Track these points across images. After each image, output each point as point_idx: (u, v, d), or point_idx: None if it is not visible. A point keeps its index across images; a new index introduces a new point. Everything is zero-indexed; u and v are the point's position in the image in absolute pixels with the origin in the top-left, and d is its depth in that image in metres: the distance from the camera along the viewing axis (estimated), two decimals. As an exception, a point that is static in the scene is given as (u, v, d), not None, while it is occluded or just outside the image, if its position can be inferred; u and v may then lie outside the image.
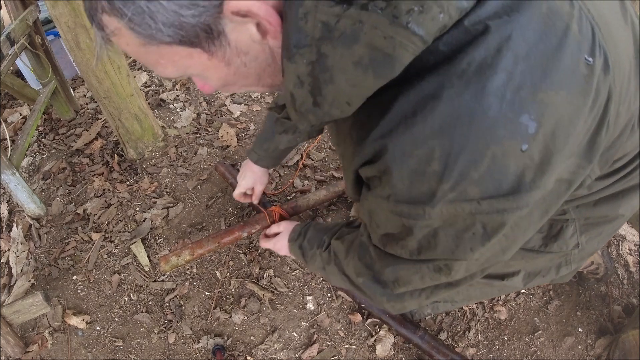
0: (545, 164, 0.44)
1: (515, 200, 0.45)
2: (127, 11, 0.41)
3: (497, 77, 0.40)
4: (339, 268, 0.85)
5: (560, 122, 0.42)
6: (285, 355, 1.32)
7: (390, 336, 1.33)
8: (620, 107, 0.50)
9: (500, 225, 0.48)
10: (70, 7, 1.33)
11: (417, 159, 0.44)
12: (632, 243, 1.55)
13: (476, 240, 0.50)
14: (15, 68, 2.28)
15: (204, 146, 1.91)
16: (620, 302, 1.40)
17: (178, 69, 0.48)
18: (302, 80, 0.46)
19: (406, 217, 0.50)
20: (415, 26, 0.38)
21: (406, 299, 0.72)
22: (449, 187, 0.44)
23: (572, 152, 0.47)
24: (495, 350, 1.32)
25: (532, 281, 0.95)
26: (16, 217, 1.72)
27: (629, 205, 0.79)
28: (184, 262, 1.28)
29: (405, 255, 0.59)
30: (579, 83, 0.42)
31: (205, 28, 0.43)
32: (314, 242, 0.97)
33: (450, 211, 0.47)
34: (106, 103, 1.63)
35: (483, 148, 0.42)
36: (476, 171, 0.43)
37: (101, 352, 1.36)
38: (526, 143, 0.42)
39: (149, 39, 0.43)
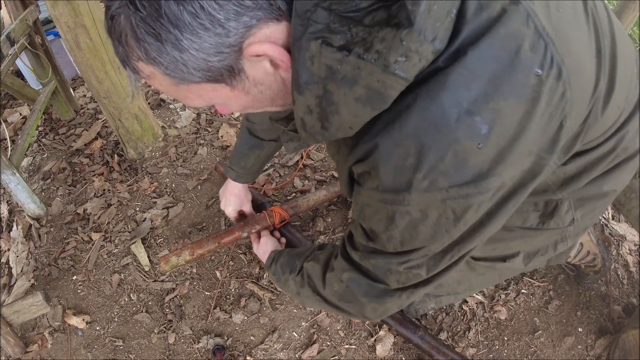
0: (500, 158, 0.54)
1: (476, 186, 0.55)
2: (163, 61, 0.49)
3: (457, 92, 0.50)
4: (312, 289, 0.90)
5: (510, 124, 0.52)
6: (285, 355, 1.32)
7: (390, 336, 1.33)
8: (579, 105, 0.58)
9: (466, 208, 0.58)
10: (70, 7, 1.33)
11: (398, 156, 0.55)
12: (632, 243, 1.55)
13: (449, 223, 0.60)
14: (15, 68, 2.28)
15: (204, 146, 1.91)
16: (620, 302, 1.40)
17: (204, 100, 0.58)
18: (311, 110, 0.55)
19: (390, 204, 0.60)
20: (401, 72, 0.49)
21: (387, 300, 0.77)
22: (422, 177, 0.55)
23: (531, 149, 0.56)
24: (495, 350, 1.32)
25: (532, 261, 0.98)
26: (16, 217, 1.72)
27: (617, 181, 0.86)
28: (184, 262, 1.28)
29: (389, 248, 0.68)
30: (527, 92, 0.51)
31: (228, 68, 0.52)
32: (286, 268, 1.02)
33: (425, 200, 0.57)
34: (106, 103, 1.63)
35: (446, 146, 0.52)
36: (442, 164, 0.53)
37: (101, 352, 1.36)
38: (481, 142, 0.52)
39: (181, 81, 0.52)
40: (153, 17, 0.46)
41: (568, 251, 1.02)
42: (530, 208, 0.89)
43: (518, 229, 0.91)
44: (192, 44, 0.47)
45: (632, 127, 0.78)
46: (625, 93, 0.73)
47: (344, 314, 0.86)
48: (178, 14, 0.45)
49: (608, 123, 0.73)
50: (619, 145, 0.78)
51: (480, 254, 0.97)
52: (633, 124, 0.78)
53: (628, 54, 0.73)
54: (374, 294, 0.77)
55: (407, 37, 0.46)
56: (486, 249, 0.95)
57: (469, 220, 0.61)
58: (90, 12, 1.37)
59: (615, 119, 0.74)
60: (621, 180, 0.87)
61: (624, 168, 0.84)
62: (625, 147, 0.80)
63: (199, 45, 0.48)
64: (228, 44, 0.49)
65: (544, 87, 0.52)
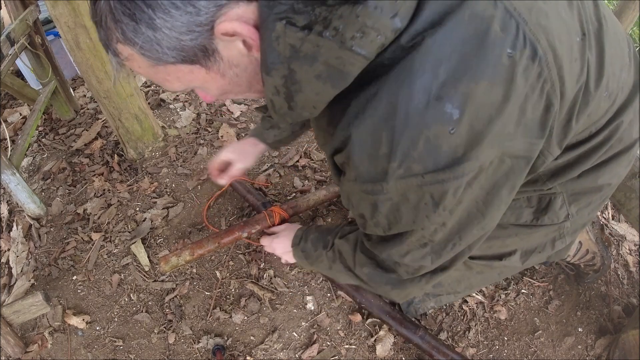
0: (475, 142, 0.53)
1: (452, 171, 0.55)
2: (138, 40, 0.51)
3: (424, 77, 0.50)
4: (344, 265, 0.92)
5: (483, 107, 0.52)
6: (285, 355, 1.32)
7: (390, 336, 1.33)
8: (565, 86, 0.58)
9: (443, 193, 0.58)
10: (70, 7, 1.33)
11: (370, 145, 0.55)
12: (632, 243, 1.55)
13: (429, 208, 0.61)
14: (15, 68, 2.28)
15: (204, 146, 1.91)
16: (620, 302, 1.40)
17: (182, 83, 0.59)
18: (279, 90, 0.56)
19: (370, 194, 0.61)
20: (358, 48, 0.49)
21: (408, 286, 0.81)
22: (397, 165, 0.55)
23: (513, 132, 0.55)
24: (495, 350, 1.32)
25: (530, 259, 0.98)
26: (16, 217, 1.72)
27: (612, 174, 0.85)
28: (184, 262, 1.28)
29: (380, 232, 0.71)
30: (500, 73, 0.51)
31: (202, 48, 0.53)
32: (318, 243, 1.02)
33: (403, 186, 0.58)
34: (106, 103, 1.63)
35: (418, 133, 0.52)
36: (415, 151, 0.53)
37: (101, 352, 1.36)
38: (452, 126, 0.52)
39: (157, 61, 0.54)
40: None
41: (567, 248, 1.02)
42: (524, 204, 0.89)
43: (512, 226, 0.92)
44: (165, 23, 0.49)
45: (626, 117, 0.77)
46: (616, 78, 0.72)
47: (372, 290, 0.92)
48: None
49: (600, 111, 0.72)
50: (613, 136, 0.77)
51: (476, 252, 0.97)
52: (627, 115, 0.77)
53: (617, 39, 0.73)
54: (393, 282, 0.81)
55: (362, 12, 0.47)
56: (482, 247, 0.95)
57: (448, 205, 0.61)
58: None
59: (608, 106, 0.73)
60: (616, 173, 0.86)
61: (619, 161, 0.83)
62: (619, 138, 0.79)
63: (171, 24, 0.49)
64: (199, 22, 0.50)
65: (517, 67, 0.51)
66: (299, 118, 0.60)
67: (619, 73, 0.73)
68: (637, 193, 1.28)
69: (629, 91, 0.78)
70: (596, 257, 1.34)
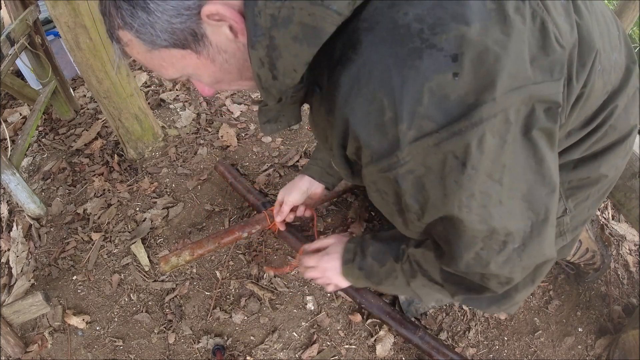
0: (486, 83, 0.51)
1: (467, 119, 0.51)
2: (134, 23, 0.56)
3: (411, 30, 0.50)
4: (429, 279, 0.78)
5: (484, 46, 0.50)
6: (285, 355, 1.32)
7: (390, 336, 1.33)
8: (562, 32, 0.57)
9: (466, 147, 0.53)
10: (70, 7, 1.33)
11: (374, 114, 0.53)
12: (632, 243, 1.55)
13: (456, 171, 0.55)
14: (15, 68, 2.28)
15: (204, 146, 1.91)
16: (620, 302, 1.40)
17: (177, 69, 0.63)
18: (263, 62, 0.57)
19: (388, 171, 0.57)
20: (329, 2, 0.51)
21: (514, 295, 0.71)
22: (407, 127, 0.52)
23: (532, 74, 0.53)
24: (495, 350, 1.32)
25: None
26: (16, 217, 1.72)
27: (609, 165, 0.82)
28: (184, 262, 1.28)
29: (415, 219, 0.64)
30: (490, 16, 0.51)
31: (191, 32, 0.57)
32: (384, 256, 0.86)
33: (418, 150, 0.54)
34: (106, 103, 1.63)
35: (419, 87, 0.50)
36: (421, 106, 0.51)
37: (101, 352, 1.36)
38: (455, 71, 0.50)
39: (152, 45, 0.58)
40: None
41: (569, 247, 1.00)
42: None
43: None
44: (158, 7, 0.54)
45: (620, 101, 0.75)
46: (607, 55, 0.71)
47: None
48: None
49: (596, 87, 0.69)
50: (607, 121, 0.76)
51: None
52: (621, 99, 0.76)
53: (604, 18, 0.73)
54: (498, 300, 0.72)
55: None
56: None
57: (477, 163, 0.54)
58: (90, 12, 1.37)
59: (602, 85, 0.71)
60: (614, 164, 0.84)
61: (615, 151, 0.82)
62: (614, 125, 0.77)
63: (163, 8, 0.54)
64: (186, 6, 0.54)
65: (506, 7, 0.51)
66: (283, 87, 0.61)
67: (610, 52, 0.72)
68: (637, 193, 1.28)
69: (622, 74, 0.77)
70: (596, 256, 1.33)
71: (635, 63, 0.80)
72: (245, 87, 0.70)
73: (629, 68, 0.79)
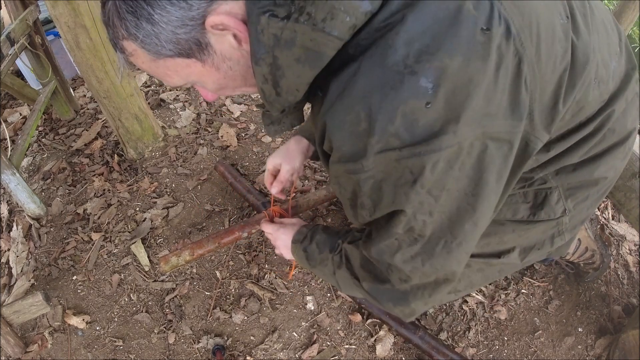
0: (452, 116, 0.54)
1: (429, 144, 0.56)
2: (139, 34, 0.56)
3: (398, 54, 0.52)
4: (350, 272, 0.86)
5: (460, 82, 0.53)
6: (285, 355, 1.32)
7: (390, 336, 1.33)
8: (544, 67, 0.60)
9: (421, 168, 0.58)
10: (70, 7, 1.33)
11: (350, 123, 0.57)
12: (632, 243, 1.55)
13: (407, 185, 0.61)
14: (15, 68, 2.28)
15: (204, 146, 1.91)
16: (620, 302, 1.40)
17: (181, 77, 0.64)
18: (266, 78, 0.60)
19: (353, 173, 0.62)
20: (330, 29, 0.53)
21: (410, 300, 0.78)
22: (375, 141, 0.56)
23: (492, 111, 0.56)
24: (495, 350, 1.32)
25: (529, 256, 0.97)
26: (16, 217, 1.72)
27: (608, 167, 0.84)
28: (184, 262, 1.28)
29: (367, 216, 0.70)
30: (476, 49, 0.53)
31: (195, 41, 0.58)
32: (324, 245, 0.96)
33: (382, 161, 0.58)
34: (106, 103, 1.63)
35: (394, 108, 0.54)
36: (393, 126, 0.55)
37: (101, 352, 1.36)
38: (428, 100, 0.53)
39: (157, 55, 0.59)
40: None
41: (566, 245, 1.00)
42: (520, 200, 0.89)
43: (509, 222, 0.91)
44: (162, 18, 0.55)
45: (617, 106, 0.77)
46: (605, 65, 0.72)
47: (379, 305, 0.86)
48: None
49: (590, 98, 0.72)
50: (605, 125, 0.77)
51: (474, 250, 0.96)
52: (619, 104, 0.77)
53: (604, 27, 0.73)
54: (395, 297, 0.78)
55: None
56: (479, 245, 0.94)
57: (427, 183, 0.60)
58: (90, 12, 1.37)
59: (598, 94, 0.73)
60: (612, 166, 0.85)
61: (614, 153, 0.83)
62: (612, 128, 0.79)
63: (167, 19, 0.55)
64: (191, 17, 0.55)
65: (492, 43, 0.53)
66: (286, 103, 0.64)
67: (609, 60, 0.73)
68: (637, 193, 1.28)
69: (621, 80, 0.78)
70: (595, 255, 1.33)
71: (634, 69, 0.81)
72: (250, 91, 0.72)
73: (628, 73, 0.80)
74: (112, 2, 0.56)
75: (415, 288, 0.76)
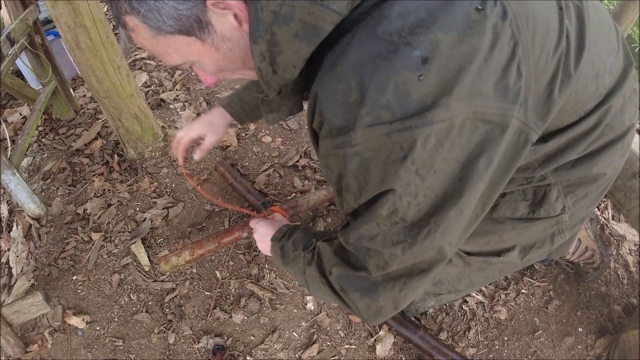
0: (445, 89, 0.54)
1: (420, 117, 0.55)
2: (141, 9, 0.58)
3: (393, 24, 0.53)
4: (319, 270, 0.83)
5: (453, 56, 0.53)
6: (285, 355, 1.32)
7: (390, 336, 1.33)
8: (538, 54, 0.59)
9: (412, 142, 0.57)
10: (70, 7, 1.33)
11: (341, 93, 0.56)
12: (632, 243, 1.55)
13: (397, 162, 0.59)
14: (15, 68, 2.28)
15: (204, 146, 1.91)
16: (620, 302, 1.41)
17: (181, 56, 0.65)
18: (264, 56, 0.60)
19: (340, 148, 0.60)
20: (328, 2, 0.54)
21: (380, 292, 0.73)
22: (366, 112, 0.55)
23: (482, 90, 0.56)
24: (495, 350, 1.32)
25: (529, 254, 0.97)
26: (16, 217, 1.72)
27: (607, 163, 0.84)
28: (184, 262, 1.28)
29: (352, 200, 0.68)
30: (470, 26, 0.53)
31: (196, 19, 0.59)
32: (299, 244, 0.93)
33: (370, 135, 0.57)
34: (106, 103, 1.63)
35: (387, 78, 0.53)
36: (384, 97, 0.54)
37: (101, 352, 1.36)
38: (421, 73, 0.53)
39: (158, 31, 0.60)
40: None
41: (567, 244, 1.00)
42: (519, 197, 0.88)
43: (509, 220, 0.90)
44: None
45: (615, 102, 0.77)
46: (603, 60, 0.72)
47: (343, 305, 0.81)
48: None
49: (588, 91, 0.71)
50: (603, 120, 0.77)
51: (473, 248, 0.96)
52: (616, 99, 0.77)
53: (601, 22, 0.74)
54: (363, 288, 0.74)
55: None
56: (479, 243, 0.95)
57: (418, 160, 0.58)
58: (90, 12, 1.37)
59: (595, 88, 0.73)
60: (611, 163, 0.85)
61: (612, 150, 0.83)
62: (610, 124, 0.79)
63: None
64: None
65: (487, 22, 0.54)
66: (282, 81, 0.64)
67: (606, 56, 0.73)
68: (637, 193, 1.28)
69: (618, 76, 0.78)
70: (595, 255, 1.33)
71: (631, 65, 0.81)
72: (249, 76, 0.71)
73: (625, 70, 0.80)
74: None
75: (387, 279, 0.73)
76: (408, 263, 0.70)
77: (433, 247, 0.66)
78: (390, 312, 0.77)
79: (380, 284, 0.73)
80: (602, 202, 1.67)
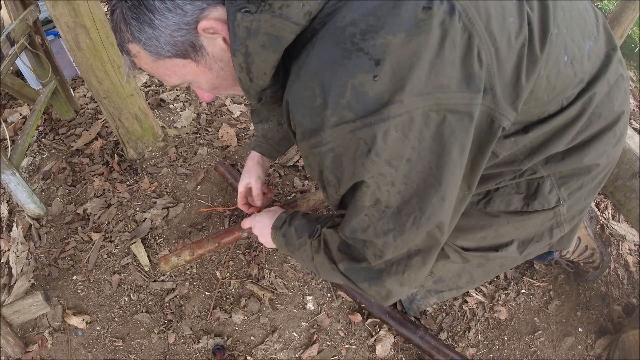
0: (399, 86, 0.59)
1: (378, 114, 0.60)
2: (142, 37, 0.66)
3: (345, 32, 0.59)
4: (328, 257, 0.87)
5: (403, 55, 0.58)
6: (285, 355, 1.32)
7: (390, 336, 1.33)
8: (497, 41, 0.62)
9: (373, 137, 0.62)
10: (70, 7, 1.33)
11: (307, 98, 0.63)
12: (632, 243, 1.55)
13: (363, 155, 0.64)
14: (15, 68, 2.28)
15: (204, 146, 1.91)
16: (620, 302, 1.41)
17: (179, 76, 0.73)
18: (242, 67, 0.67)
19: (315, 148, 0.66)
20: (287, 15, 0.60)
21: (385, 279, 0.79)
22: (330, 113, 0.61)
23: (443, 82, 0.60)
24: (495, 350, 1.32)
25: (528, 248, 0.96)
26: (16, 217, 1.72)
27: (599, 153, 0.84)
28: (184, 262, 1.28)
29: (334, 193, 0.73)
30: (417, 25, 0.57)
31: (190, 44, 0.67)
32: (303, 230, 0.95)
33: (338, 134, 0.63)
34: (106, 103, 1.63)
35: (344, 82, 0.59)
36: (344, 99, 0.60)
37: (101, 352, 1.36)
38: (375, 74, 0.58)
39: (157, 55, 0.68)
40: (135, 4, 0.63)
41: (568, 238, 0.99)
42: (512, 191, 0.88)
43: (504, 214, 0.90)
44: (161, 23, 0.64)
45: (598, 89, 0.77)
46: (577, 44, 0.72)
47: (357, 290, 0.85)
48: (151, 1, 0.62)
49: (563, 77, 0.72)
50: (587, 109, 0.77)
51: (470, 244, 0.96)
52: (600, 86, 0.77)
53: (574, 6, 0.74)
54: (369, 276, 0.80)
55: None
56: (476, 239, 0.94)
57: (382, 152, 0.63)
58: (90, 12, 1.37)
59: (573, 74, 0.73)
60: (604, 152, 0.85)
61: (604, 138, 0.83)
62: (597, 113, 0.79)
63: (166, 23, 0.64)
64: (186, 22, 0.64)
65: (434, 19, 0.57)
66: (258, 88, 0.70)
67: (581, 40, 0.73)
68: (637, 193, 1.28)
69: (601, 61, 0.78)
70: (595, 254, 1.33)
71: (615, 49, 0.81)
72: (241, 92, 0.76)
73: (608, 55, 0.79)
74: (119, 10, 0.65)
75: (389, 264, 0.78)
76: (403, 249, 0.75)
77: (422, 232, 0.71)
78: (400, 293, 0.82)
79: (384, 271, 0.78)
80: (602, 202, 1.67)
